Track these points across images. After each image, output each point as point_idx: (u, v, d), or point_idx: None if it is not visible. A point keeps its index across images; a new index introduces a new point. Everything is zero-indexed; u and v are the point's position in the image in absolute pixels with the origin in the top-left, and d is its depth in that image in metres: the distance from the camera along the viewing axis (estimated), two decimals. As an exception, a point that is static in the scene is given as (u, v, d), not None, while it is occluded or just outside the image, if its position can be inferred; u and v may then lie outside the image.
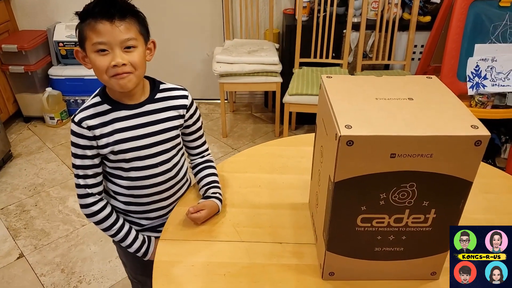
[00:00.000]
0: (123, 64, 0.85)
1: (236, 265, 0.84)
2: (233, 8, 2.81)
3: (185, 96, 1.01)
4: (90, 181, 0.95)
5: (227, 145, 2.62)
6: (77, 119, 0.91)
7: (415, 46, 2.53)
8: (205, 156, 1.11)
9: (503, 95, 1.99)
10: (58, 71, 2.80)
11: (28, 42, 2.62)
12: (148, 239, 1.06)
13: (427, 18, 2.48)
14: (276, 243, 0.89)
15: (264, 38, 2.86)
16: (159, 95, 0.98)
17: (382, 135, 0.61)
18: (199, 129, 1.07)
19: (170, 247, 0.89)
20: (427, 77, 0.80)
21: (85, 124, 0.90)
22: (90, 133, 0.91)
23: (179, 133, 1.02)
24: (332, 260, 0.76)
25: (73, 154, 0.93)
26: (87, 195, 0.96)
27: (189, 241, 0.91)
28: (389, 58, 2.52)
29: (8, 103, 2.73)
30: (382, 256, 0.76)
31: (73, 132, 0.92)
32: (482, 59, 1.99)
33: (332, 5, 2.42)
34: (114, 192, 1.02)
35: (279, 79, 2.48)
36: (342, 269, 0.78)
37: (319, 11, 2.45)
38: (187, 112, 1.01)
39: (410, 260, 0.76)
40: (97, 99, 0.94)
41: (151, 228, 1.08)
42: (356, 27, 2.45)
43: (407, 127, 0.63)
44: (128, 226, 1.02)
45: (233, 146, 2.61)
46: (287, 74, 2.53)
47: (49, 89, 2.73)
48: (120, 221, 1.01)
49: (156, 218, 1.07)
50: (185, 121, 1.02)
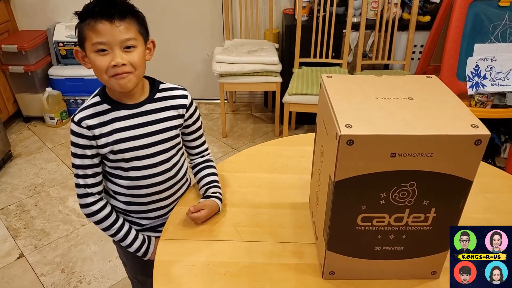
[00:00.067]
0: (123, 64, 0.86)
1: (236, 264, 0.84)
2: (233, 8, 2.81)
3: (184, 96, 1.01)
4: (89, 180, 0.95)
5: (227, 145, 2.62)
6: (76, 118, 0.91)
7: (415, 46, 2.53)
8: (205, 156, 1.11)
9: (502, 94, 1.99)
10: (58, 71, 2.80)
11: (28, 42, 2.62)
12: (148, 238, 1.06)
13: (427, 18, 2.49)
14: (276, 243, 0.89)
15: (264, 38, 2.86)
16: (159, 95, 0.98)
17: (382, 134, 0.61)
18: (199, 128, 1.07)
19: (170, 247, 0.89)
20: (427, 76, 0.80)
21: (85, 123, 0.91)
22: (89, 133, 0.91)
23: (179, 133, 1.02)
24: (332, 259, 0.76)
25: (73, 153, 0.94)
26: (86, 195, 0.96)
27: (189, 241, 0.91)
28: (389, 58, 2.52)
29: (8, 103, 2.73)
30: (383, 256, 0.76)
31: (73, 132, 0.92)
32: (482, 59, 1.99)
33: (331, 5, 2.42)
34: (114, 192, 1.02)
35: (279, 79, 2.48)
36: (342, 268, 0.78)
37: (318, 11, 2.45)
38: (187, 111, 1.01)
39: (410, 260, 0.76)
40: (97, 99, 0.94)
41: (151, 228, 1.08)
42: (356, 27, 2.45)
43: (407, 126, 0.63)
44: (128, 226, 1.02)
45: (233, 146, 2.61)
46: (287, 74, 2.53)
47: (49, 89, 2.73)
48: (120, 221, 1.01)
49: (156, 218, 1.07)
50: (185, 120, 1.02)
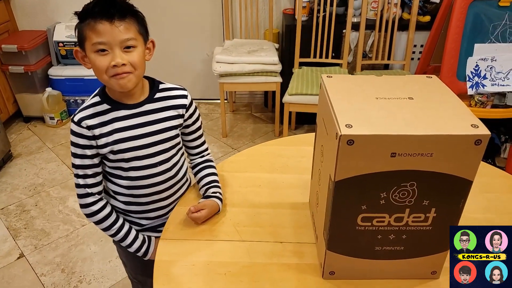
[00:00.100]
0: (123, 64, 0.86)
1: (236, 264, 0.84)
2: (233, 8, 2.81)
3: (184, 96, 1.01)
4: (89, 180, 0.95)
5: (227, 145, 2.62)
6: (76, 118, 0.91)
7: (415, 46, 2.53)
8: (204, 156, 1.11)
9: (502, 94, 1.99)
10: (58, 71, 2.80)
11: (28, 42, 2.62)
12: (148, 238, 1.06)
13: (427, 18, 2.49)
14: (276, 243, 0.89)
15: (263, 38, 2.86)
16: (159, 95, 0.98)
17: (382, 134, 0.62)
18: (199, 128, 1.07)
19: (170, 247, 0.89)
20: (427, 76, 0.80)
21: (85, 123, 0.91)
22: (89, 133, 0.91)
23: (179, 133, 1.02)
24: (332, 259, 0.76)
25: (73, 153, 0.94)
26: (86, 195, 0.96)
27: (189, 241, 0.91)
28: (389, 58, 2.52)
29: (8, 103, 2.73)
30: (383, 255, 0.76)
31: (73, 132, 0.92)
32: (482, 59, 1.99)
33: (331, 5, 2.42)
34: (114, 192, 1.02)
35: (279, 79, 2.48)
36: (342, 268, 0.78)
37: (318, 11, 2.45)
38: (187, 111, 1.01)
39: (411, 259, 0.76)
40: (97, 99, 0.94)
41: (151, 228, 1.08)
42: (356, 27, 2.45)
43: (407, 126, 0.63)
44: (128, 226, 1.02)
45: (233, 146, 2.61)
46: (286, 74, 2.53)
47: (49, 89, 2.73)
48: (120, 221, 1.01)
49: (156, 218, 1.07)
50: (185, 120, 1.02)
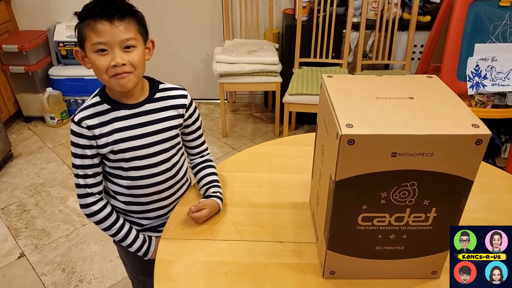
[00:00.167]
0: (123, 64, 0.86)
1: (237, 264, 0.84)
2: (233, 8, 2.81)
3: (184, 96, 1.01)
4: (90, 180, 0.95)
5: (227, 145, 2.62)
6: (76, 118, 0.91)
7: (415, 46, 2.53)
8: (204, 156, 1.11)
9: (503, 94, 1.99)
10: (58, 71, 2.80)
11: (29, 42, 2.62)
12: (148, 238, 1.06)
13: (427, 18, 2.49)
14: (277, 242, 0.89)
15: (264, 38, 2.86)
16: (158, 95, 0.98)
17: (383, 134, 0.62)
18: (198, 128, 1.07)
19: (171, 246, 0.89)
20: (427, 76, 0.80)
21: (85, 123, 0.91)
22: (89, 133, 0.91)
23: (179, 133, 1.02)
24: (333, 259, 0.76)
25: (73, 153, 0.94)
26: (87, 195, 0.96)
27: (190, 240, 0.91)
28: (389, 58, 2.52)
29: (9, 103, 2.74)
30: (383, 255, 0.76)
31: (73, 132, 0.92)
32: (482, 59, 1.99)
33: (332, 5, 2.42)
34: (114, 192, 1.02)
35: (279, 79, 2.48)
36: (343, 268, 0.78)
37: (319, 11, 2.45)
38: (186, 111, 1.01)
39: (411, 259, 0.76)
40: (97, 99, 0.94)
41: (151, 228, 1.08)
42: (356, 27, 2.45)
43: (408, 126, 0.63)
44: (128, 226, 1.02)
45: (233, 146, 2.61)
46: (287, 74, 2.53)
47: (49, 89, 2.73)
48: (120, 221, 1.01)
49: (156, 217, 1.07)
50: (185, 120, 1.02)
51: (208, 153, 1.12)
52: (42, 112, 2.80)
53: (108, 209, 0.99)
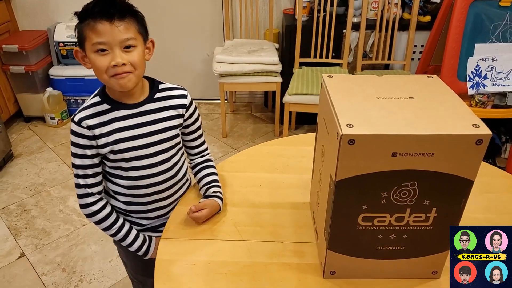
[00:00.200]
0: (123, 64, 0.86)
1: (237, 264, 0.84)
2: (233, 8, 2.81)
3: (184, 96, 1.01)
4: (90, 180, 0.95)
5: (227, 145, 2.62)
6: (76, 118, 0.91)
7: (415, 46, 2.53)
8: (204, 156, 1.11)
9: (503, 94, 1.99)
10: (58, 71, 2.80)
11: (29, 42, 2.62)
12: (148, 238, 1.06)
13: (427, 18, 2.49)
14: (277, 242, 0.89)
15: (264, 38, 2.86)
16: (158, 95, 0.98)
17: (383, 134, 0.61)
18: (198, 128, 1.07)
19: (171, 246, 0.89)
20: (428, 76, 0.80)
21: (85, 123, 0.91)
22: (89, 133, 0.91)
23: (179, 133, 1.02)
24: (333, 259, 0.76)
25: (73, 153, 0.94)
26: (87, 195, 0.96)
27: (190, 240, 0.91)
28: (389, 58, 2.52)
29: (9, 103, 2.74)
30: (383, 255, 0.76)
31: (73, 132, 0.92)
32: (482, 59, 1.99)
33: (332, 5, 2.42)
34: (114, 192, 1.02)
35: (279, 79, 2.48)
36: (343, 268, 0.78)
37: (319, 11, 2.45)
38: (186, 111, 1.01)
39: (411, 259, 0.76)
40: (97, 99, 0.94)
41: (151, 228, 1.08)
42: (356, 27, 2.45)
43: (408, 126, 0.63)
44: (128, 226, 1.02)
45: (233, 146, 2.61)
46: (287, 74, 2.53)
47: (49, 89, 2.73)
48: (120, 221, 1.01)
49: (156, 217, 1.07)
50: (185, 120, 1.02)
51: (208, 153, 1.12)
52: (42, 112, 2.80)
53: (107, 209, 0.99)
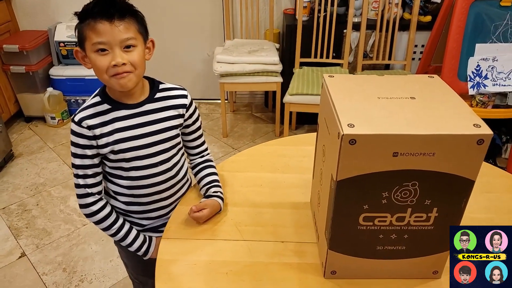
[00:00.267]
0: (123, 64, 0.86)
1: (238, 263, 0.84)
2: (233, 8, 2.81)
3: (184, 96, 1.01)
4: (89, 180, 0.95)
5: (228, 145, 2.62)
6: (77, 118, 0.91)
7: (416, 46, 2.53)
8: (204, 156, 1.11)
9: (504, 94, 1.99)
10: (59, 71, 2.80)
11: (29, 42, 2.62)
12: (148, 238, 1.06)
13: (428, 18, 2.49)
14: (278, 242, 0.89)
15: (264, 38, 2.86)
16: (159, 95, 0.98)
17: (384, 134, 0.61)
18: (198, 128, 1.07)
19: (172, 246, 0.89)
20: (429, 76, 0.80)
21: (85, 123, 0.91)
22: (90, 133, 0.91)
23: (179, 133, 1.02)
24: (334, 258, 0.76)
25: (73, 153, 0.93)
26: (86, 195, 0.96)
27: (191, 240, 0.91)
28: (390, 58, 2.52)
29: (10, 103, 2.74)
30: (384, 255, 0.76)
31: (73, 132, 0.92)
32: (483, 59, 1.99)
33: (332, 5, 2.42)
34: (114, 192, 1.02)
35: (280, 79, 2.48)
36: (344, 267, 0.78)
37: (319, 11, 2.45)
38: (187, 111, 1.01)
39: (412, 259, 0.76)
40: (97, 99, 0.94)
41: (152, 229, 1.08)
42: (357, 27, 2.45)
43: (409, 126, 0.63)
44: (128, 226, 1.02)
45: (233, 146, 2.61)
46: (287, 74, 2.53)
47: (50, 89, 2.73)
48: (120, 221, 1.01)
49: (156, 218, 1.07)
50: (185, 120, 1.02)
51: (208, 153, 1.12)
52: (43, 112, 2.80)
53: (107, 209, 0.99)
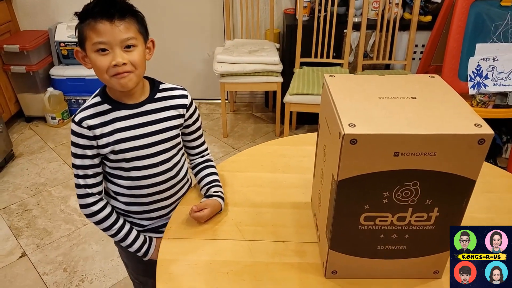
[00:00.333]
0: (124, 64, 0.86)
1: (239, 263, 0.84)
2: (233, 8, 2.81)
3: (184, 96, 1.01)
4: (90, 181, 0.95)
5: (228, 145, 2.62)
6: (77, 119, 0.91)
7: (416, 46, 2.53)
8: (204, 156, 1.11)
9: (504, 94, 1.99)
10: (59, 71, 2.80)
11: (30, 42, 2.62)
12: (149, 239, 1.06)
13: (428, 18, 2.48)
14: (278, 242, 0.89)
15: (264, 38, 2.86)
16: (159, 95, 0.98)
17: (385, 133, 0.61)
18: (199, 128, 1.07)
19: (173, 246, 0.89)
20: (429, 76, 0.80)
21: (85, 123, 0.90)
22: (90, 133, 0.91)
23: (179, 133, 1.02)
24: (335, 258, 0.76)
25: (73, 154, 0.94)
26: (87, 195, 0.96)
27: (192, 240, 0.91)
28: (390, 58, 2.52)
29: (10, 103, 2.74)
30: (385, 255, 0.76)
31: (73, 132, 0.92)
32: (484, 59, 1.99)
33: (332, 5, 2.42)
34: (114, 192, 1.02)
35: (280, 79, 2.48)
36: (345, 267, 0.78)
37: (319, 11, 2.45)
38: (187, 111, 1.01)
39: (413, 259, 0.76)
40: (97, 99, 0.94)
41: (152, 229, 1.08)
42: (357, 27, 2.45)
43: (410, 125, 0.63)
44: (128, 226, 1.02)
45: (233, 146, 2.61)
46: (287, 74, 2.53)
47: (50, 89, 2.73)
48: (121, 221, 1.01)
49: (157, 218, 1.06)
50: (185, 120, 1.02)
51: (208, 153, 1.12)
52: (43, 112, 2.80)
53: (108, 209, 0.99)
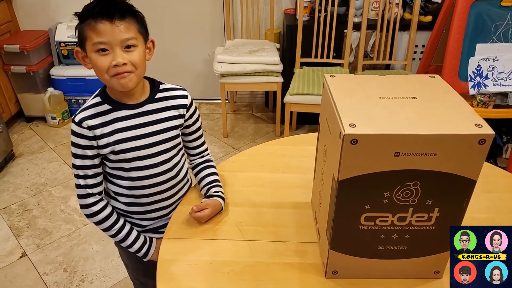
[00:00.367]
0: (124, 64, 0.86)
1: (239, 263, 0.84)
2: (233, 8, 2.81)
3: (185, 96, 1.01)
4: (90, 181, 0.95)
5: (228, 145, 2.62)
6: (77, 119, 0.91)
7: (416, 46, 2.53)
8: (204, 156, 1.11)
9: (504, 94, 1.99)
10: (59, 71, 2.80)
11: (30, 42, 2.62)
12: (149, 239, 1.06)
13: (428, 18, 2.49)
14: (279, 242, 0.89)
15: (265, 38, 2.86)
16: (159, 95, 0.98)
17: (386, 133, 0.61)
18: (199, 129, 1.07)
19: (173, 246, 0.89)
20: (430, 76, 0.80)
21: (86, 124, 0.90)
22: (90, 133, 0.91)
23: (179, 133, 1.02)
24: (335, 258, 0.76)
25: (73, 154, 0.93)
26: (87, 195, 0.96)
27: (192, 240, 0.91)
28: (390, 58, 2.52)
29: (10, 103, 2.74)
30: (386, 255, 0.76)
31: (74, 132, 0.92)
32: (484, 59, 1.99)
33: (333, 5, 2.42)
34: (114, 192, 1.02)
35: (280, 79, 2.48)
36: (345, 267, 0.78)
37: (320, 11, 2.45)
38: (187, 111, 1.01)
39: (414, 259, 0.76)
40: (98, 99, 0.94)
41: (152, 229, 1.08)
42: (357, 27, 2.45)
43: (410, 126, 0.63)
44: (128, 226, 1.02)
45: (234, 146, 2.61)
46: (288, 74, 2.53)
47: (50, 89, 2.73)
48: (121, 222, 1.01)
49: (157, 218, 1.06)
50: (185, 120, 1.02)
51: (208, 153, 1.12)
52: (44, 112, 2.80)
53: (108, 209, 0.99)
